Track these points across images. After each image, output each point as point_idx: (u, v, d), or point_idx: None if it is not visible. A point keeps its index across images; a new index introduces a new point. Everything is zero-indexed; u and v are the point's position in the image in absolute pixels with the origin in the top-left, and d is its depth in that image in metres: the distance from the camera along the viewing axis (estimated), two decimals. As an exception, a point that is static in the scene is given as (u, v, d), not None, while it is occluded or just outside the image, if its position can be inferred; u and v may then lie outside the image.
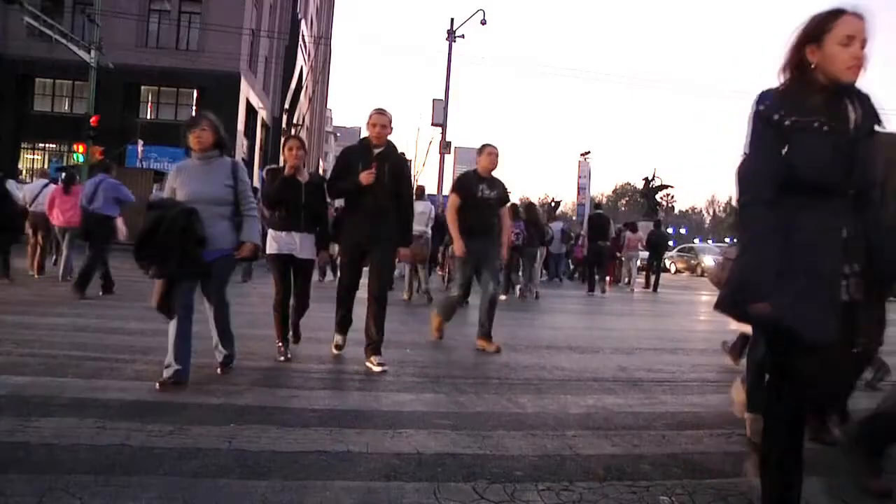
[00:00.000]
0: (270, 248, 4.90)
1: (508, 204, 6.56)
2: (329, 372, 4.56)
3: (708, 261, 20.30)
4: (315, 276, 10.60)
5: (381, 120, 4.88)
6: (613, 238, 15.98)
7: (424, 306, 9.15)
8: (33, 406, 3.23)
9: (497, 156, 5.97)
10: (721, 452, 3.19)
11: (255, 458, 2.72)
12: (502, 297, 12.19)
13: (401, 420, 3.43)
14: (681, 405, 4.13)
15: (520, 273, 12.28)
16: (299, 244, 4.88)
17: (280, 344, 4.95)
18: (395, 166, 4.94)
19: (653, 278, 16.50)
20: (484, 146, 6.01)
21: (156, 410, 3.28)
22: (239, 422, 3.20)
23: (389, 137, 5.01)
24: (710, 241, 23.25)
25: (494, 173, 6.02)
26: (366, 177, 4.69)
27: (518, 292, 11.96)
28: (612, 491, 2.60)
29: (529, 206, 12.77)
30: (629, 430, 3.47)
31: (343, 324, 5.15)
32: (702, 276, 17.47)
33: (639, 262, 17.45)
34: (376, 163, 4.75)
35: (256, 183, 31.87)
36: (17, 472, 2.42)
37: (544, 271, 16.17)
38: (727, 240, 23.87)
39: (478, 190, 5.82)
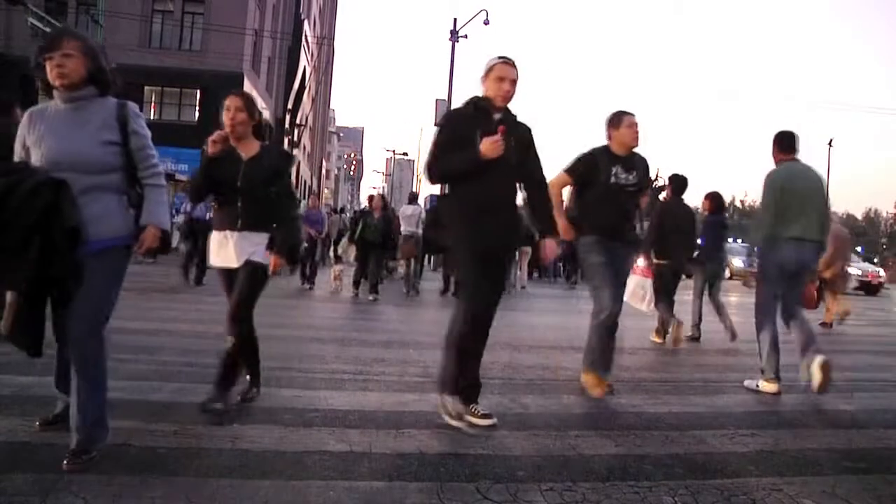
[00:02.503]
0: (212, 259, 3.61)
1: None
2: (332, 372, 4.56)
3: (737, 262, 20.20)
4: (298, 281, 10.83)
5: (509, 73, 3.45)
6: None
7: (424, 305, 9.16)
8: (36, 406, 3.23)
9: (638, 128, 4.31)
10: (724, 453, 3.18)
11: (258, 459, 2.72)
12: (510, 290, 12.65)
13: (404, 420, 3.43)
14: (684, 405, 4.13)
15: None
16: (234, 249, 3.43)
17: (248, 378, 3.71)
18: (522, 140, 3.51)
19: None
20: (621, 114, 4.31)
21: (158, 410, 3.29)
22: (242, 422, 3.20)
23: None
24: (738, 241, 23.03)
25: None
26: (492, 146, 3.27)
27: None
28: (615, 491, 2.59)
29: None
30: (632, 431, 3.46)
31: (459, 379, 3.44)
32: (731, 278, 17.23)
33: None
34: (504, 126, 3.37)
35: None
36: (20, 472, 2.42)
37: (538, 272, 17.38)
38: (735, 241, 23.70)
39: (610, 173, 4.21)
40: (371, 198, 19.43)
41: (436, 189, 29.82)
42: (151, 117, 25.51)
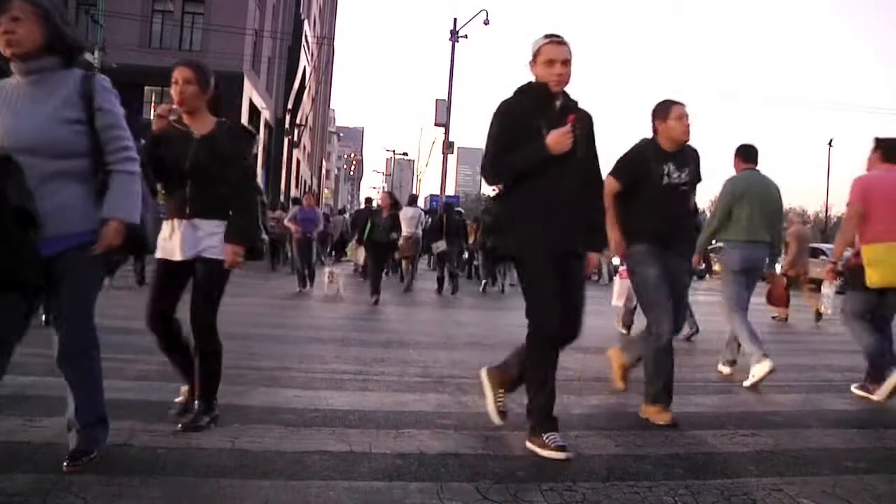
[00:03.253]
0: (157, 249, 3.12)
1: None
2: (332, 372, 4.56)
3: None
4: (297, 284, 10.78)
5: (559, 53, 3.05)
6: None
7: (424, 305, 9.16)
8: (36, 406, 3.24)
9: (689, 119, 3.75)
10: (724, 453, 3.18)
11: (258, 459, 2.72)
12: (486, 289, 12.96)
13: (404, 420, 3.43)
14: (684, 405, 4.12)
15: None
16: (180, 240, 3.02)
17: (183, 391, 3.29)
18: (585, 130, 3.13)
19: None
20: (669, 104, 3.75)
21: (158, 410, 3.28)
22: (242, 422, 3.20)
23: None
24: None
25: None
26: (562, 138, 2.96)
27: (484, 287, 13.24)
28: (615, 491, 2.59)
29: None
30: (632, 431, 3.46)
31: (550, 411, 3.07)
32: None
33: None
34: (574, 116, 3.04)
35: (260, 183, 31.89)
36: (20, 472, 2.42)
37: None
38: None
39: (661, 171, 3.68)
40: (369, 199, 19.44)
41: (436, 189, 29.29)
42: (151, 117, 25.50)
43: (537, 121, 3.03)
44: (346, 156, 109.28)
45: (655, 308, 3.65)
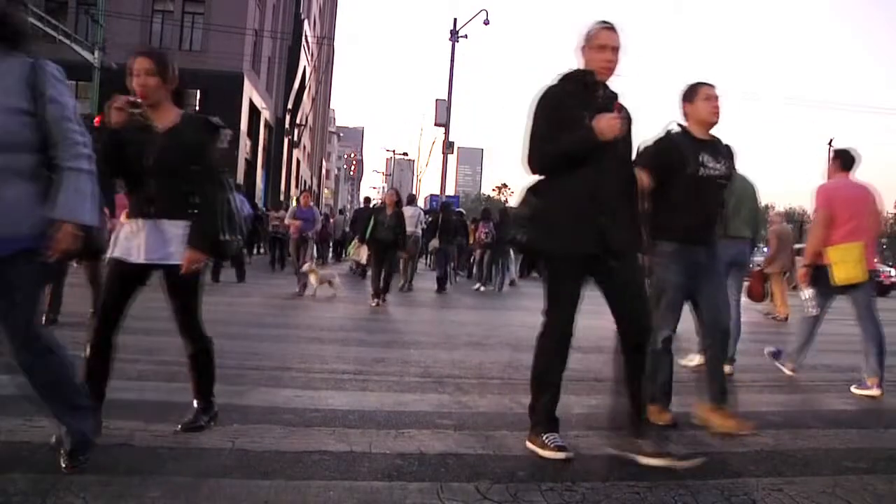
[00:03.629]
0: (112, 248, 2.91)
1: (483, 207, 5.07)
2: (331, 372, 4.56)
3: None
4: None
5: (613, 39, 2.97)
6: None
7: (424, 305, 9.16)
8: (37, 405, 3.23)
9: (719, 101, 3.50)
10: (724, 453, 3.18)
11: (258, 459, 2.72)
12: (482, 288, 13.24)
13: (404, 420, 3.43)
14: (684, 406, 4.12)
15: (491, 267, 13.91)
16: (143, 242, 2.81)
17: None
18: (627, 124, 3.00)
19: None
20: (696, 86, 3.52)
21: (158, 410, 3.28)
22: (242, 422, 3.20)
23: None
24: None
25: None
26: (611, 122, 2.82)
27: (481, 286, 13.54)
28: (615, 491, 2.59)
29: (503, 210, 14.46)
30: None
31: (552, 412, 3.05)
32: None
33: None
34: (619, 104, 2.96)
35: (260, 184, 31.59)
36: (20, 472, 2.42)
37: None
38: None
39: (697, 162, 3.39)
40: (367, 199, 19.44)
41: (436, 189, 29.29)
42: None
43: (581, 109, 2.89)
44: (346, 156, 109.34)
45: (662, 312, 3.48)
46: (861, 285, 4.70)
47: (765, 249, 11.26)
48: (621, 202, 2.97)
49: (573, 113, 2.90)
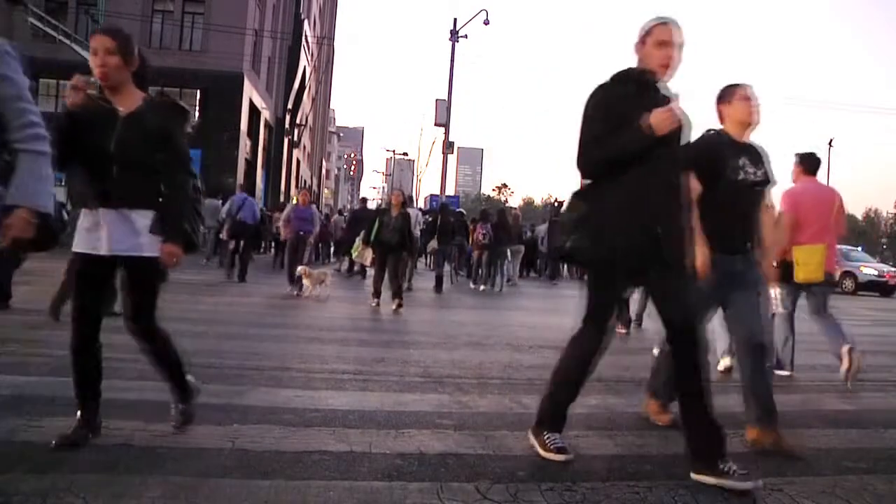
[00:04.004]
0: (75, 242, 2.75)
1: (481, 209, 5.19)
2: (331, 372, 4.56)
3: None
4: (289, 288, 10.30)
5: (674, 35, 2.83)
6: None
7: (423, 305, 9.16)
8: (37, 406, 3.24)
9: (756, 103, 3.36)
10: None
11: (258, 459, 2.72)
12: (480, 288, 13.34)
13: (404, 420, 3.43)
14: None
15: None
16: (107, 233, 2.65)
17: (79, 417, 2.77)
18: (683, 126, 2.85)
19: None
20: (734, 86, 3.39)
21: (158, 410, 3.28)
22: (242, 422, 3.20)
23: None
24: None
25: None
26: (666, 116, 2.68)
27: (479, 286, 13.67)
28: (615, 491, 2.59)
29: (501, 211, 14.80)
30: (632, 431, 3.46)
31: (564, 413, 3.04)
32: None
33: None
34: (674, 101, 2.82)
35: (260, 184, 31.54)
36: (20, 472, 2.42)
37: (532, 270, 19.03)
38: None
39: (737, 167, 3.26)
40: (364, 199, 19.43)
41: (436, 189, 29.24)
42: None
43: (636, 109, 2.72)
44: (346, 156, 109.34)
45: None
46: (820, 284, 5.01)
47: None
48: (673, 208, 2.81)
49: (628, 114, 2.73)
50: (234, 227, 11.46)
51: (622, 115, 2.74)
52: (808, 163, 5.31)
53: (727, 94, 3.38)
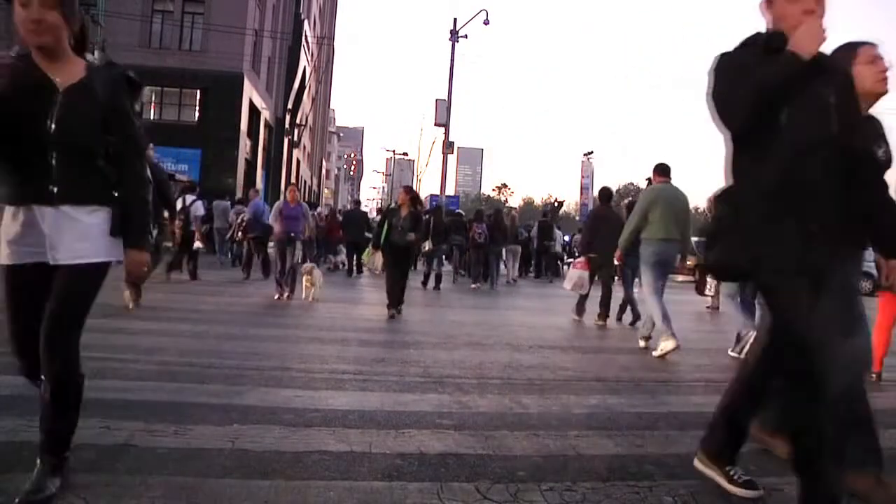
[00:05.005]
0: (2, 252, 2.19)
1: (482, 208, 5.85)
2: (332, 372, 4.56)
3: None
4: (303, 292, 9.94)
5: None
6: None
7: (423, 305, 9.17)
8: (37, 406, 3.23)
9: (888, 65, 2.66)
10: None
11: (258, 459, 2.72)
12: (475, 286, 13.56)
13: (404, 420, 3.43)
14: (684, 405, 4.13)
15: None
16: (48, 239, 2.14)
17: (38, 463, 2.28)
18: (844, 96, 2.24)
19: None
20: (855, 44, 2.69)
21: (159, 411, 3.29)
22: (242, 422, 3.20)
23: None
24: None
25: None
26: (812, 29, 2.13)
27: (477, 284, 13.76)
28: (615, 491, 2.59)
29: (496, 212, 15.03)
30: (632, 431, 3.46)
31: (742, 441, 2.69)
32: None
33: None
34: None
35: (260, 184, 31.54)
36: (21, 472, 2.42)
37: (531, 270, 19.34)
38: None
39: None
40: (357, 202, 19.44)
41: (436, 189, 29.22)
42: (152, 117, 25.59)
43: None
44: (346, 156, 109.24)
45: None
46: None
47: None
48: (835, 195, 2.16)
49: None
50: (264, 231, 11.73)
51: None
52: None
53: (846, 57, 2.60)
